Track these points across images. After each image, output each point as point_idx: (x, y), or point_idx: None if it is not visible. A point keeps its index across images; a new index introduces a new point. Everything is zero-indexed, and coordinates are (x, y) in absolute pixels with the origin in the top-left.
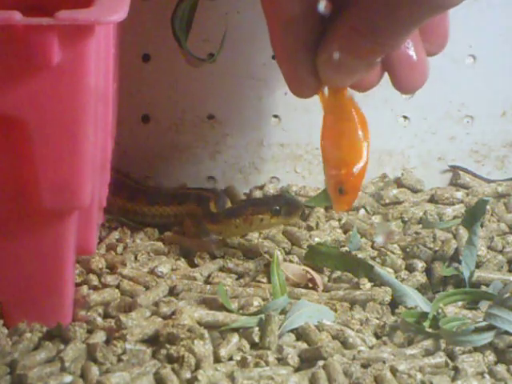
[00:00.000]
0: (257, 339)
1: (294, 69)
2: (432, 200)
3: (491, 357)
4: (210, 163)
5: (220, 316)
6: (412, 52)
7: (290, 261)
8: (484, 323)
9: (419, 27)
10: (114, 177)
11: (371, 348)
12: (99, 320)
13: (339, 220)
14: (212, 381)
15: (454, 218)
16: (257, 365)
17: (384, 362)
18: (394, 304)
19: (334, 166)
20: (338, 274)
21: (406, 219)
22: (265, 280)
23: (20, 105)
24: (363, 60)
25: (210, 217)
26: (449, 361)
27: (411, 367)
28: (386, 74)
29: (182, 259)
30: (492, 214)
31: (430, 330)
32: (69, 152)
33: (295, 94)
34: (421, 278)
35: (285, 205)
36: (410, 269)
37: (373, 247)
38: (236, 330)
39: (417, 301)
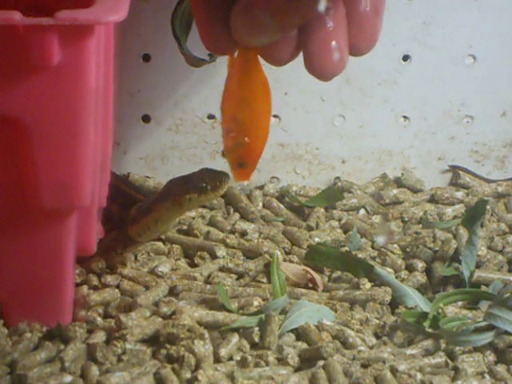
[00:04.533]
0: (257, 339)
1: (207, 23)
2: (432, 200)
3: (491, 357)
4: (210, 163)
5: (220, 316)
6: (330, 34)
7: (290, 261)
8: (484, 323)
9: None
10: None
11: (371, 348)
12: (99, 320)
13: (339, 220)
14: (212, 381)
15: (454, 217)
16: (257, 365)
17: (384, 362)
18: (394, 304)
19: (233, 136)
20: (338, 273)
21: (406, 219)
22: (265, 280)
23: (20, 105)
24: (275, 18)
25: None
26: (449, 361)
27: (411, 367)
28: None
29: (182, 259)
30: (492, 214)
31: (430, 330)
32: (69, 152)
33: (209, 50)
34: (421, 277)
35: (210, 180)
36: (410, 269)
37: (373, 247)
38: (236, 329)
39: (417, 301)
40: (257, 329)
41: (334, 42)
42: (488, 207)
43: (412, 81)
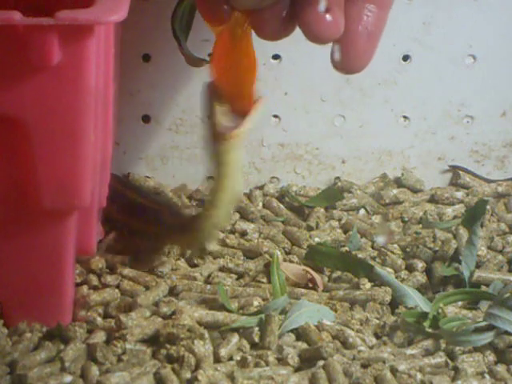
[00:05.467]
0: (257, 339)
1: None
2: (432, 200)
3: (491, 357)
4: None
5: (220, 316)
6: (322, 7)
7: (290, 261)
8: (484, 323)
9: None
10: None
11: (371, 348)
12: (99, 320)
13: (339, 220)
14: (212, 381)
15: (454, 217)
16: (257, 365)
17: (384, 362)
18: (394, 304)
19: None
20: (338, 273)
21: (406, 219)
22: (265, 280)
23: (20, 105)
24: None
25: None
26: (449, 361)
27: (411, 367)
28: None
29: (182, 259)
30: (492, 214)
31: (430, 330)
32: (69, 152)
33: (206, 20)
34: (421, 277)
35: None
36: (410, 269)
37: (373, 247)
38: (236, 329)
39: (417, 301)
40: (257, 329)
41: (330, 16)
42: (488, 207)
43: (412, 81)
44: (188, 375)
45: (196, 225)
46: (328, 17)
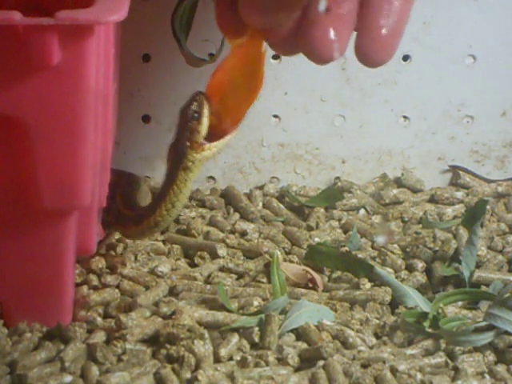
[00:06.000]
0: (257, 339)
1: (223, 5)
2: (432, 200)
3: (491, 357)
4: (209, 163)
5: (220, 316)
6: (329, 19)
7: (290, 261)
8: (484, 323)
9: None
10: None
11: (371, 348)
12: (99, 320)
13: (339, 220)
14: (212, 381)
15: (454, 217)
16: (257, 365)
17: (384, 362)
18: (394, 304)
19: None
20: (337, 273)
21: (406, 219)
22: (265, 280)
23: (20, 105)
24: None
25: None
26: (449, 361)
27: (411, 367)
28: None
29: (182, 259)
30: (492, 214)
31: (430, 330)
32: (69, 152)
33: (222, 32)
34: (421, 277)
35: (191, 107)
36: (410, 269)
37: (373, 247)
38: (236, 329)
39: (417, 301)
40: (257, 329)
41: (331, 29)
42: (488, 207)
43: (412, 81)
44: (188, 375)
45: (146, 219)
46: (331, 37)
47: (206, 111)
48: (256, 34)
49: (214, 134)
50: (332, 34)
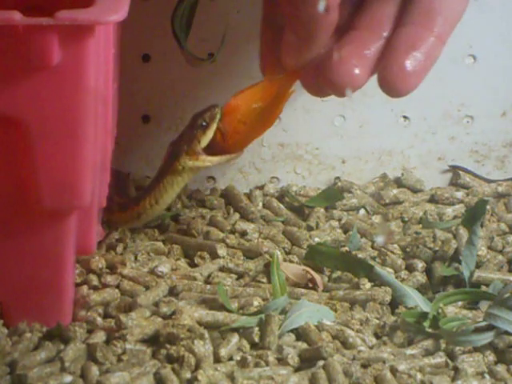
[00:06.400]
0: (257, 339)
1: (267, 49)
2: (432, 200)
3: (491, 357)
4: None
5: (220, 316)
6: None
7: (290, 261)
8: (484, 323)
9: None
10: None
11: (371, 348)
12: (99, 320)
13: (339, 220)
14: (212, 381)
15: (454, 217)
16: (257, 365)
17: (384, 362)
18: (394, 304)
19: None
20: (337, 273)
21: (406, 219)
22: (265, 280)
23: (20, 105)
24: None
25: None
26: (449, 361)
27: (411, 367)
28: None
29: (182, 259)
30: (492, 214)
31: (430, 330)
32: (69, 152)
33: (263, 72)
34: (421, 277)
35: (204, 116)
36: (410, 269)
37: (373, 247)
38: (236, 329)
39: (417, 301)
40: (257, 329)
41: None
42: (488, 207)
43: None
44: (188, 375)
45: (130, 209)
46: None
47: (214, 125)
48: (292, 74)
49: (215, 149)
50: (354, 63)
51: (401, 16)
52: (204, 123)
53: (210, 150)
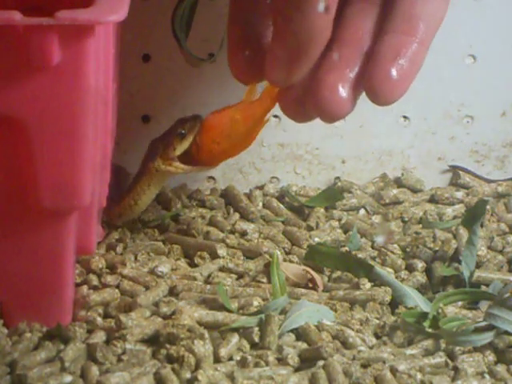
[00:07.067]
0: (257, 339)
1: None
2: (432, 200)
3: (491, 357)
4: None
5: (220, 316)
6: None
7: (290, 261)
8: (484, 323)
9: None
10: None
11: (371, 348)
12: (99, 320)
13: (339, 220)
14: (212, 381)
15: (454, 217)
16: (257, 365)
17: (384, 362)
18: (394, 304)
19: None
20: (338, 273)
21: (406, 219)
22: (265, 280)
23: (20, 105)
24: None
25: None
26: (449, 361)
27: (411, 367)
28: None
29: (182, 259)
30: (492, 214)
31: (430, 330)
32: (69, 152)
33: (234, 76)
34: (421, 277)
35: (184, 124)
36: (410, 269)
37: (373, 247)
38: (236, 329)
39: (417, 301)
40: (257, 329)
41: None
42: (488, 207)
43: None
44: (188, 375)
45: (112, 207)
46: (343, 96)
47: (191, 137)
48: (271, 98)
49: (189, 159)
50: (341, 91)
51: (381, 26)
52: (183, 131)
53: (185, 157)
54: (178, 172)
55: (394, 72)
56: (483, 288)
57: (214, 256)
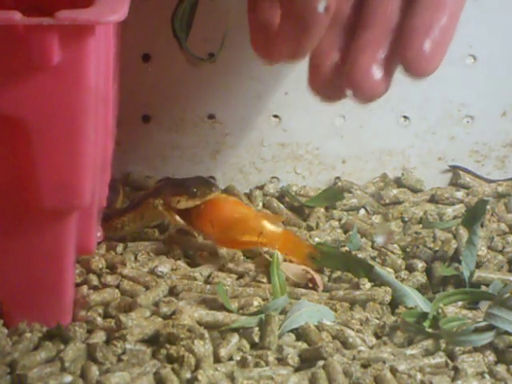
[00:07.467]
0: (257, 339)
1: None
2: (432, 200)
3: (491, 357)
4: (210, 163)
5: (220, 316)
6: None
7: (290, 261)
8: (484, 323)
9: None
10: None
11: (371, 348)
12: (99, 320)
13: (339, 220)
14: (212, 381)
15: (454, 218)
16: (257, 365)
17: (384, 362)
18: (394, 304)
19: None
20: (338, 273)
21: (406, 219)
22: (265, 280)
23: (20, 105)
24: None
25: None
26: (449, 361)
27: (411, 367)
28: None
29: (182, 259)
30: (492, 214)
31: (430, 330)
32: (69, 152)
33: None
34: (421, 277)
35: (201, 187)
36: (410, 269)
37: (373, 247)
38: (236, 330)
39: (417, 301)
40: (257, 329)
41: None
42: (488, 207)
43: (412, 81)
44: (188, 375)
45: (108, 222)
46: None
47: (198, 201)
48: (273, 236)
49: (188, 216)
50: (375, 72)
51: (409, 2)
52: (195, 191)
53: (184, 213)
54: (171, 221)
55: (427, 45)
56: (483, 288)
57: (214, 256)
